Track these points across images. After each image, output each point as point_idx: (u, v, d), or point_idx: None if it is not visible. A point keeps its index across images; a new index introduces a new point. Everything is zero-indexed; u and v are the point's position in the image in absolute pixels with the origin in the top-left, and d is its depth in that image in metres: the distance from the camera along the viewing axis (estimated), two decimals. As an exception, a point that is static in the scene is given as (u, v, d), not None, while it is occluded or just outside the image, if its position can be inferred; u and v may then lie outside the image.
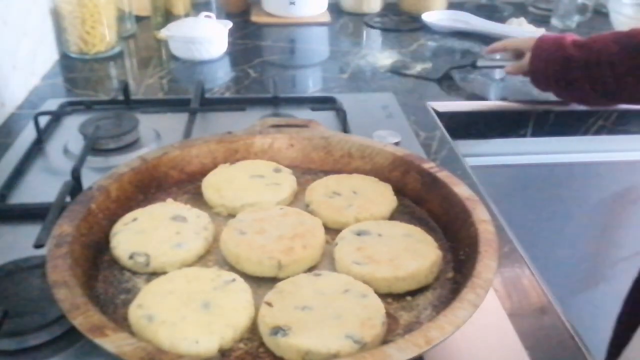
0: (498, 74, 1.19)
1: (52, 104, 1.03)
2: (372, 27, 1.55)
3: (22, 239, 0.65)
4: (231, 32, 1.35)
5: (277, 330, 0.50)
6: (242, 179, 0.71)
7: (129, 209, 0.65)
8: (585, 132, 1.13)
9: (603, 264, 1.34)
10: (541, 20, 1.60)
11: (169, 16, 1.43)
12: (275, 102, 1.02)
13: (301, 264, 0.59)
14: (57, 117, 0.98)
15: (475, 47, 1.40)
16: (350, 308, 0.52)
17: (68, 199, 0.68)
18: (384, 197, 0.69)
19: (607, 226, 1.29)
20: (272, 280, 0.57)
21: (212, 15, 1.33)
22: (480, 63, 1.19)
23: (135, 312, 0.51)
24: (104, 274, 0.59)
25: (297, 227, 0.62)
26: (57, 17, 1.24)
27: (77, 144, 0.86)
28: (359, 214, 0.66)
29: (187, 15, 1.44)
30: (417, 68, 1.23)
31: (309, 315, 0.51)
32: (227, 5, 1.60)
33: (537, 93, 1.10)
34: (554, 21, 1.58)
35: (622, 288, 0.89)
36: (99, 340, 0.45)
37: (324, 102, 1.06)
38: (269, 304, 0.52)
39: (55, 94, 1.11)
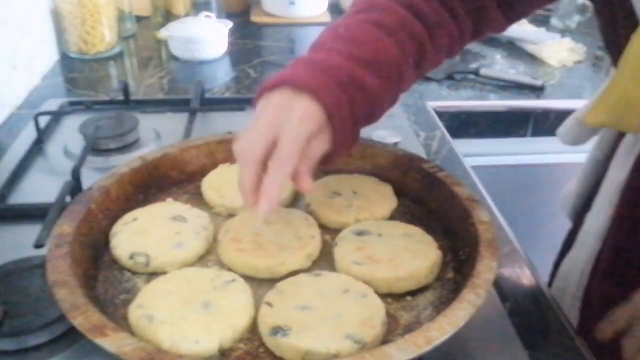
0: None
1: (52, 104, 1.03)
2: (372, 27, 1.55)
3: (22, 239, 0.65)
4: (231, 32, 1.34)
5: (277, 330, 0.50)
6: (242, 179, 0.71)
7: (129, 209, 0.65)
8: (585, 132, 1.13)
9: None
10: (541, 20, 1.60)
11: (169, 16, 1.43)
12: (275, 102, 1.02)
13: (300, 263, 0.59)
14: (57, 117, 0.98)
15: (476, 47, 1.40)
16: (350, 308, 0.52)
17: (68, 199, 0.68)
18: (384, 197, 0.69)
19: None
20: (272, 280, 0.57)
21: (212, 15, 1.33)
22: (483, 72, 1.19)
23: (135, 312, 0.51)
24: (104, 274, 0.59)
25: (296, 227, 0.62)
26: (57, 17, 1.24)
27: (77, 144, 0.86)
28: (359, 214, 0.66)
29: (187, 15, 1.44)
30: None
31: (309, 315, 0.51)
32: (227, 5, 1.60)
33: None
34: (554, 21, 1.58)
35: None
36: (99, 340, 0.45)
37: (324, 102, 1.06)
38: (269, 304, 0.52)
39: (55, 94, 1.11)
